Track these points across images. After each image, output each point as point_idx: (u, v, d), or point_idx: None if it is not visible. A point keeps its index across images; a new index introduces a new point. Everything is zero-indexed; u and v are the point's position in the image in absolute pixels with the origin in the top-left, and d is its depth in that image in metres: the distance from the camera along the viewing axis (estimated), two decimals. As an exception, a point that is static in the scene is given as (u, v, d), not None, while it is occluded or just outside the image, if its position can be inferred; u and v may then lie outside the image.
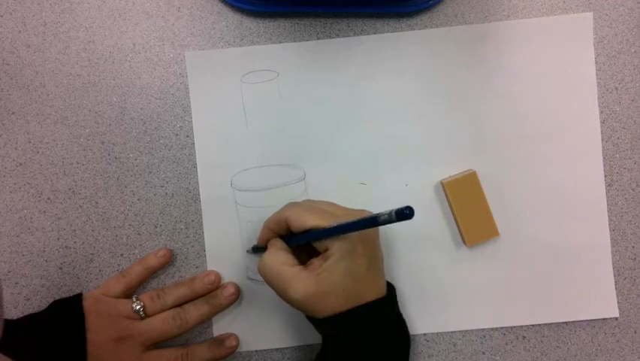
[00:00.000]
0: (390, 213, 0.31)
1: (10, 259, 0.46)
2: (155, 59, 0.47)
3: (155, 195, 0.47)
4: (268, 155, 0.47)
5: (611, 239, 0.47)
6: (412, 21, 0.47)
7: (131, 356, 0.42)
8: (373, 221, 0.33)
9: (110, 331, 0.41)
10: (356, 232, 0.36)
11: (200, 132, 0.47)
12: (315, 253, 0.39)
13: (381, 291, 0.38)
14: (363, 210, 0.39)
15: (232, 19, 0.47)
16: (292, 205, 0.41)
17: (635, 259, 0.47)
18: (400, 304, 0.41)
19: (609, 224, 0.47)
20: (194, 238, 0.47)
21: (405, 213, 0.30)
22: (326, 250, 0.37)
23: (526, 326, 0.47)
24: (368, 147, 0.47)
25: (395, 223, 0.32)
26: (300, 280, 0.36)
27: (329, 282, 0.36)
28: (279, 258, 0.38)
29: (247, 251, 0.46)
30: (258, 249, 0.44)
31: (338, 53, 0.47)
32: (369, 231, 0.38)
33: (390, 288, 0.40)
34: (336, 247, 0.36)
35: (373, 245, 0.39)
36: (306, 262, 0.39)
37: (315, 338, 0.46)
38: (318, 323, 0.38)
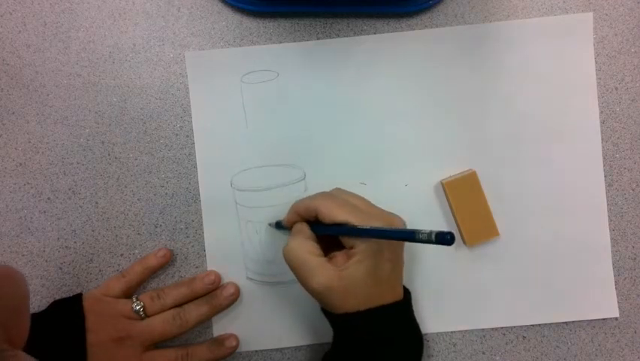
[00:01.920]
0: (429, 234, 0.30)
1: (10, 259, 0.46)
2: (155, 59, 0.47)
3: (155, 195, 0.47)
4: (268, 155, 0.47)
5: (611, 239, 0.47)
6: (412, 21, 0.47)
7: (131, 357, 0.42)
8: (409, 236, 0.32)
9: (110, 331, 0.41)
10: None
11: (200, 132, 0.47)
12: (338, 243, 0.39)
13: (398, 294, 0.39)
14: (392, 214, 0.39)
15: (232, 19, 0.47)
16: (324, 196, 0.40)
17: (635, 259, 0.47)
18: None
19: (609, 224, 0.47)
20: (194, 238, 0.47)
21: (446, 238, 0.29)
22: (352, 247, 0.37)
23: (526, 326, 0.47)
24: (368, 147, 0.47)
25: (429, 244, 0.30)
26: (324, 272, 0.36)
27: (351, 280, 0.36)
28: (305, 246, 0.38)
29: (269, 224, 0.46)
30: (281, 226, 0.44)
31: (338, 53, 0.47)
32: None
33: (407, 292, 0.40)
34: (363, 247, 0.36)
35: (399, 251, 0.39)
36: (328, 249, 0.39)
37: (315, 338, 0.46)
38: (334, 318, 0.38)
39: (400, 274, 0.39)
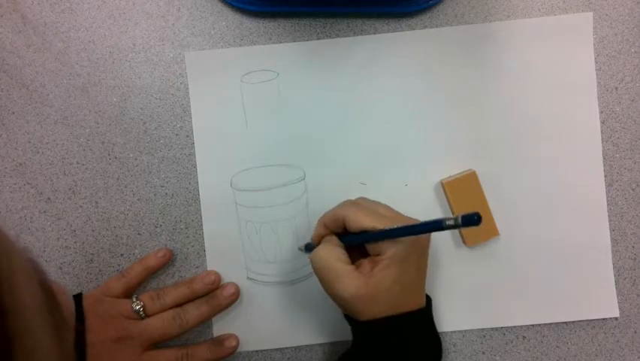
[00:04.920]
0: (456, 219, 0.30)
1: (10, 259, 0.46)
2: (155, 59, 0.47)
3: (155, 195, 0.47)
4: (268, 155, 0.47)
5: (611, 239, 0.47)
6: (412, 21, 0.47)
7: (131, 357, 0.42)
8: (437, 226, 0.32)
9: (110, 331, 0.41)
10: (410, 242, 0.36)
11: (200, 132, 0.47)
12: (364, 253, 0.39)
13: (421, 301, 0.39)
14: (416, 220, 0.39)
15: (232, 19, 0.47)
16: (350, 204, 0.40)
17: (635, 259, 0.47)
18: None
19: (609, 224, 0.47)
20: (194, 238, 0.47)
21: (473, 219, 0.29)
22: (378, 254, 0.37)
23: (526, 326, 0.47)
24: (368, 147, 0.47)
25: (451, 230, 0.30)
26: (351, 279, 0.36)
27: (378, 287, 0.36)
28: (333, 253, 0.38)
29: (299, 249, 0.46)
30: (311, 247, 0.43)
31: (338, 53, 0.47)
32: (423, 242, 0.38)
33: (428, 299, 0.40)
34: (389, 254, 0.36)
35: (424, 257, 0.39)
36: (354, 258, 0.39)
37: (315, 338, 0.46)
38: (357, 324, 0.38)
39: (424, 281, 0.39)
